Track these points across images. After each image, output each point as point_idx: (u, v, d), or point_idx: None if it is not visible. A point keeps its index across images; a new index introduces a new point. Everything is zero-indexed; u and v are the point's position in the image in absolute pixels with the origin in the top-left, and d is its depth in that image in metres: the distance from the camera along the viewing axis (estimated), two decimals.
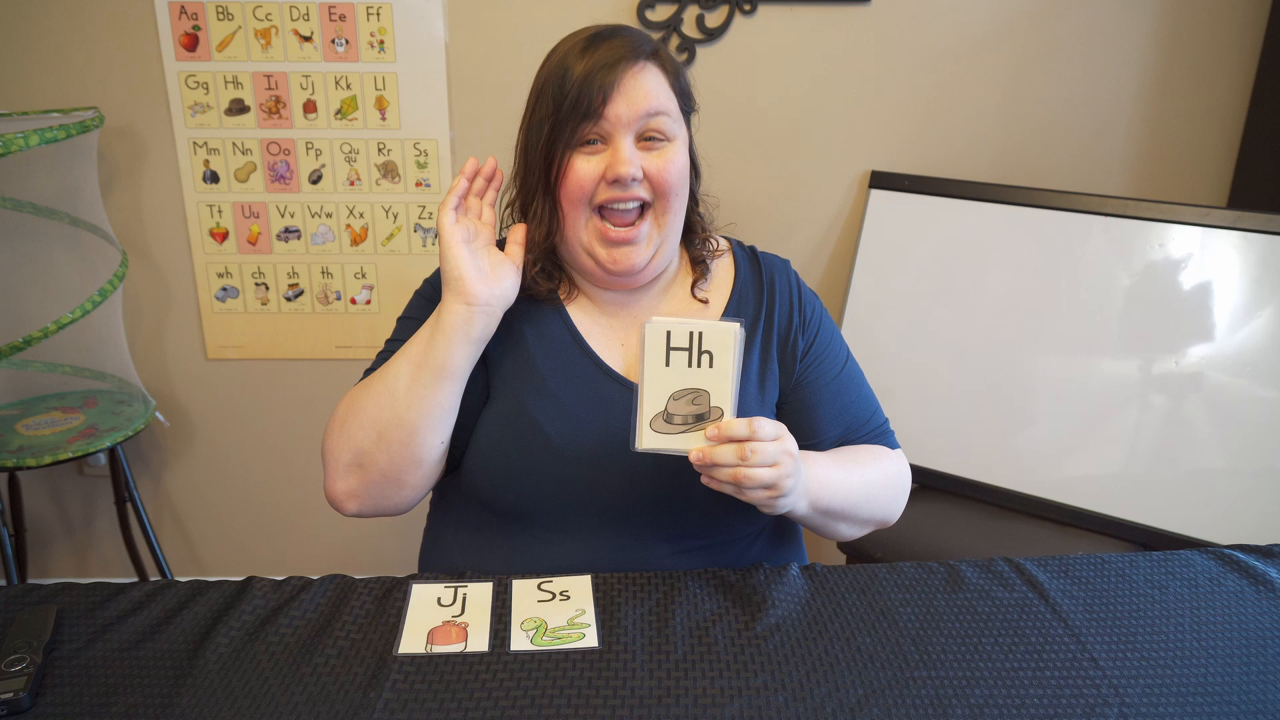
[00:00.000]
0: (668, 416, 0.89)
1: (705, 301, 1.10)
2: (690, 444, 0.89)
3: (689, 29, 1.89)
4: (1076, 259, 1.72)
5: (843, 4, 1.88)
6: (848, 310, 1.92)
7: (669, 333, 0.87)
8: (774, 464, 0.87)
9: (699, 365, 0.88)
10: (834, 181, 2.00)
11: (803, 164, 1.99)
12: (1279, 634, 0.89)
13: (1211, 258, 1.63)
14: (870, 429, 1.12)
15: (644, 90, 0.98)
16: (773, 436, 0.88)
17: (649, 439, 0.89)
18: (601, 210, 1.00)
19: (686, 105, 1.06)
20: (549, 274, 1.07)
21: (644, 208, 1.01)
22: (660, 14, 1.88)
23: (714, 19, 1.89)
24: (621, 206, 0.99)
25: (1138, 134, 1.97)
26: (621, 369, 1.06)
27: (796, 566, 0.99)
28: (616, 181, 0.97)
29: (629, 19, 1.87)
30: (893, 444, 1.14)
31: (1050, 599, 0.93)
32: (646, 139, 0.99)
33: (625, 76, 0.97)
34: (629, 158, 0.97)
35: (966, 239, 1.81)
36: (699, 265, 1.11)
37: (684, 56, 1.90)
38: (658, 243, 1.02)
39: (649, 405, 0.89)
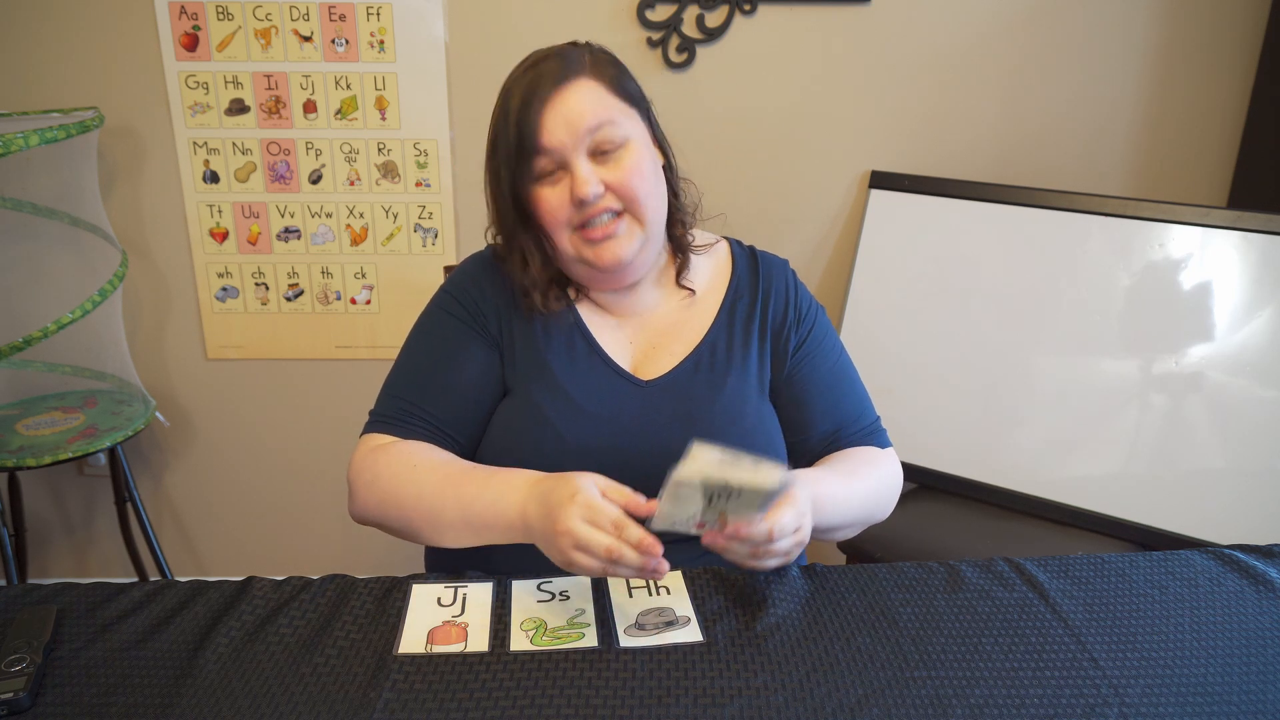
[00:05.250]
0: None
1: (692, 291, 1.13)
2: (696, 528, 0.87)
3: (689, 29, 1.89)
4: (1076, 259, 1.72)
5: (843, 4, 1.88)
6: (848, 310, 1.92)
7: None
8: (795, 530, 0.88)
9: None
10: (834, 181, 2.00)
11: (803, 164, 1.99)
12: (1279, 634, 0.89)
13: (1211, 258, 1.63)
14: (861, 426, 1.14)
15: (578, 109, 0.99)
16: (793, 528, 0.88)
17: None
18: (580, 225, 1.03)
19: (636, 101, 1.06)
20: (559, 296, 1.09)
21: (619, 213, 1.03)
22: (660, 14, 1.88)
23: (714, 19, 1.89)
24: (596, 222, 1.01)
25: (1138, 134, 1.97)
26: (629, 366, 1.10)
27: (797, 566, 0.99)
28: (582, 203, 0.99)
29: (629, 19, 1.87)
30: (884, 442, 1.15)
31: (1050, 599, 0.93)
32: (601, 152, 1.01)
33: (553, 102, 0.99)
34: (585, 177, 0.99)
35: (967, 239, 1.81)
36: (681, 253, 1.13)
37: (684, 56, 1.90)
38: (642, 237, 1.04)
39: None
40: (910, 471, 1.82)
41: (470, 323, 1.10)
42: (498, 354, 1.10)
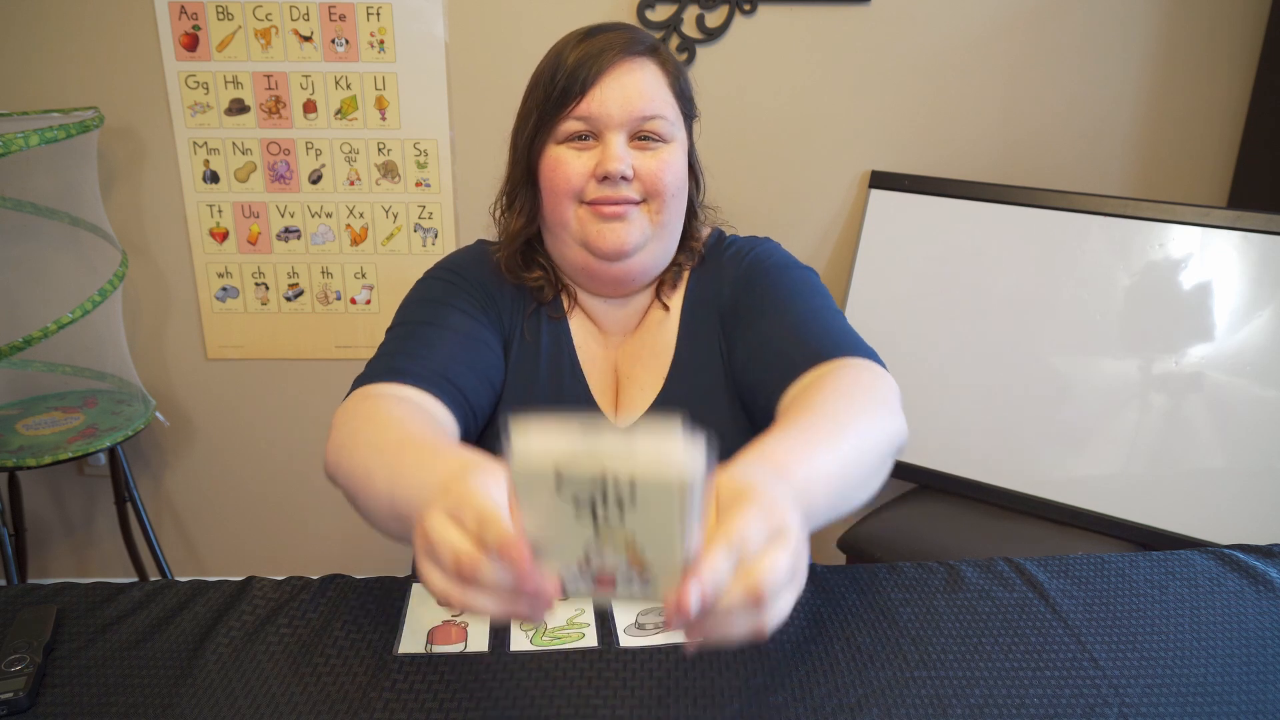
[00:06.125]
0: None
1: (667, 308, 1.06)
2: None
3: (689, 29, 1.89)
4: (1076, 259, 1.72)
5: (843, 4, 1.88)
6: (848, 310, 1.92)
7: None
8: (773, 538, 0.54)
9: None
10: (834, 181, 2.00)
11: (803, 164, 1.99)
12: (1279, 634, 0.89)
13: (1211, 258, 1.63)
14: (822, 350, 0.92)
15: (637, 90, 0.94)
16: (761, 541, 0.53)
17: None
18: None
19: (687, 109, 1.03)
20: (528, 263, 1.04)
21: (637, 202, 0.97)
22: (660, 14, 1.88)
23: (714, 19, 1.89)
24: (611, 209, 0.96)
25: (1138, 134, 1.97)
26: (610, 401, 1.05)
27: None
28: (606, 179, 0.94)
29: (629, 19, 1.87)
30: (859, 355, 0.93)
31: (1050, 599, 0.93)
32: (641, 138, 0.96)
33: (614, 72, 0.94)
34: (620, 154, 0.93)
35: (966, 239, 1.81)
36: (676, 267, 1.06)
37: (684, 56, 1.90)
38: (649, 234, 0.98)
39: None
40: (910, 471, 1.82)
41: (486, 305, 1.01)
42: (505, 352, 1.01)
